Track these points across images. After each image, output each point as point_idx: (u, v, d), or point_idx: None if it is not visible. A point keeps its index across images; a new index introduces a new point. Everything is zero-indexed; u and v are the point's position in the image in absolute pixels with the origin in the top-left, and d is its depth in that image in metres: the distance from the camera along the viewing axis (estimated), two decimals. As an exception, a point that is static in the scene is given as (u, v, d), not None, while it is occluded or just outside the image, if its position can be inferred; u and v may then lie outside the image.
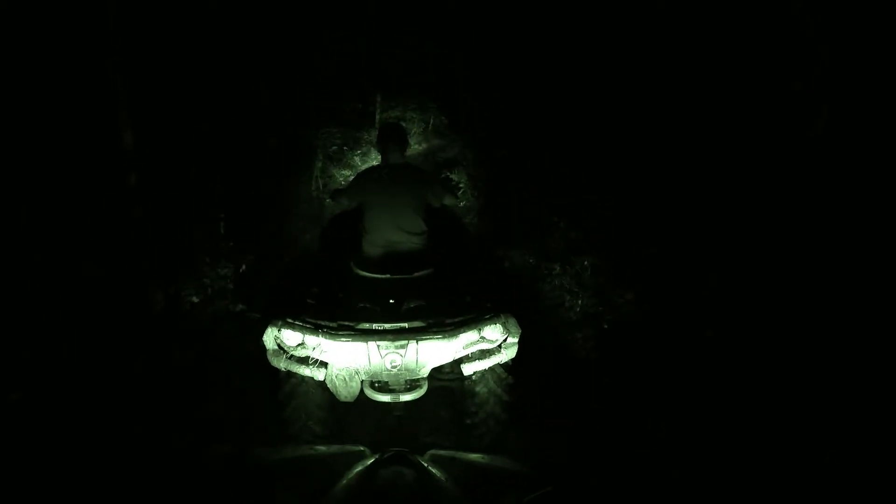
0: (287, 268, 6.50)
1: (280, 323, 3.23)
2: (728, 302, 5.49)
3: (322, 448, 2.68)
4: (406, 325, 3.27)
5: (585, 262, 6.17)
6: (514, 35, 11.88)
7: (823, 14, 5.62)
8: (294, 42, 9.42)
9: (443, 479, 2.07)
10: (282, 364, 3.33)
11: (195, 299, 5.03)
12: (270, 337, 3.29)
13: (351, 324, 3.23)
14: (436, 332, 3.21)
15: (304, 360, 3.25)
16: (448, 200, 4.27)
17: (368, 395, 3.42)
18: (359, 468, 2.10)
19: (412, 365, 3.20)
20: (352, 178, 5.08)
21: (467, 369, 3.42)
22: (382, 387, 3.44)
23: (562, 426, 4.47)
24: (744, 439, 4.14)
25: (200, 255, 5.34)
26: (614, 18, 8.47)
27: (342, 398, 3.34)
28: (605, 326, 5.68)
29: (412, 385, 3.44)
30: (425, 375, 3.36)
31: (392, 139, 4.17)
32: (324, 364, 3.22)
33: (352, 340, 3.12)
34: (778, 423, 4.25)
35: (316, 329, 3.16)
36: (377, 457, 2.17)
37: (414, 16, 11.60)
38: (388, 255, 3.73)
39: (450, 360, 3.33)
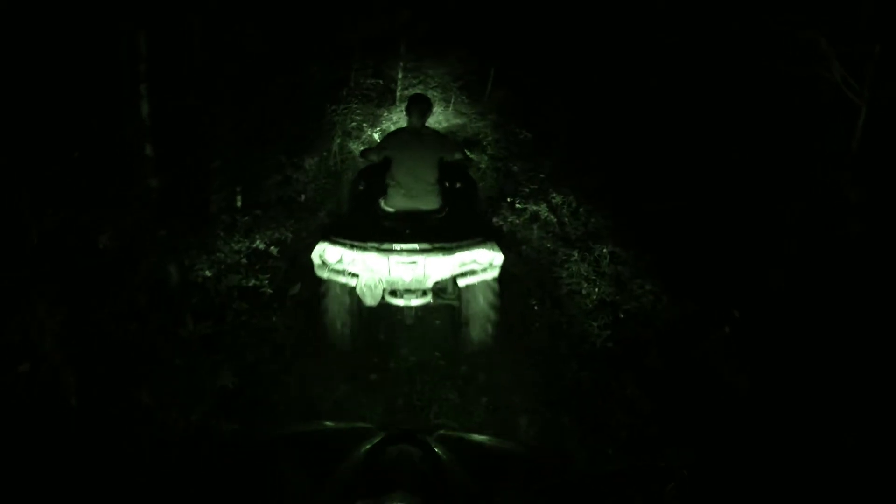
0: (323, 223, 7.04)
1: (325, 242, 4.25)
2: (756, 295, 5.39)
3: (329, 424, 2.79)
4: (417, 245, 4.15)
5: (605, 250, 6.08)
6: (541, 18, 11.80)
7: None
8: (316, 18, 9.31)
9: (449, 459, 1.99)
10: (325, 274, 4.32)
11: (208, 273, 5.05)
12: (317, 254, 4.30)
13: (376, 244, 4.14)
14: (438, 251, 4.15)
15: (342, 273, 4.25)
16: (458, 156, 5.07)
17: (387, 300, 4.42)
18: (366, 446, 2.01)
19: (420, 276, 4.23)
20: (379, 142, 5.73)
21: (461, 282, 4.37)
22: (398, 293, 4.42)
23: (573, 413, 4.49)
24: (758, 436, 4.10)
25: (214, 230, 5.34)
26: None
27: (367, 303, 4.37)
28: (622, 316, 5.61)
29: (420, 294, 4.44)
30: (430, 286, 4.38)
31: (415, 106, 4.95)
32: (355, 275, 4.22)
33: (377, 255, 4.08)
34: (793, 423, 4.20)
35: (351, 247, 4.14)
36: (384, 435, 2.05)
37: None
38: (407, 195, 4.65)
39: (448, 275, 4.33)
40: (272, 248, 5.79)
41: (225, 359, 4.32)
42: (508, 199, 7.54)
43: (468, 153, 5.74)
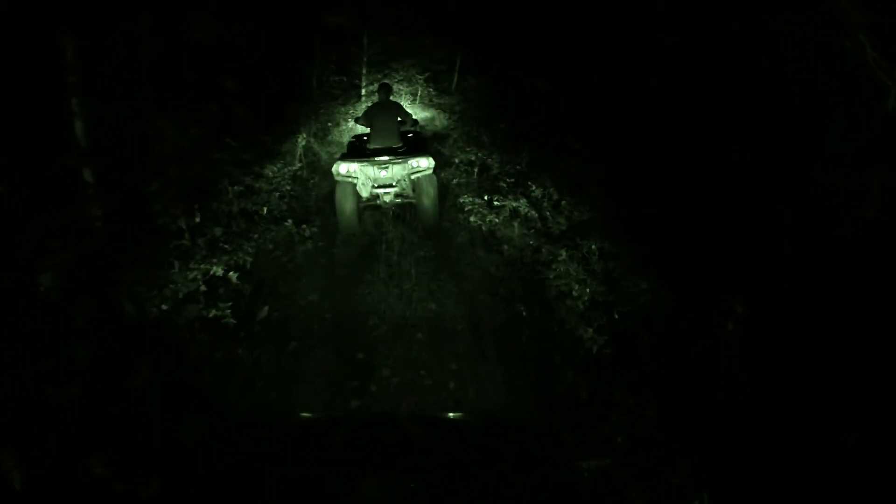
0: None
1: (339, 162, 6.71)
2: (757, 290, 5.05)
3: (306, 415, 2.93)
4: (387, 158, 6.69)
5: (593, 246, 5.68)
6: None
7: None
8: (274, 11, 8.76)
9: (424, 438, 2.17)
10: (339, 178, 6.69)
11: (164, 307, 4.54)
12: (335, 168, 6.70)
13: (367, 160, 6.65)
14: (398, 161, 6.68)
15: (348, 177, 6.66)
16: (408, 119, 7.59)
17: (373, 192, 6.78)
18: (342, 431, 2.22)
19: (389, 176, 6.69)
20: (363, 113, 7.87)
21: (413, 177, 6.78)
22: (381, 186, 6.75)
23: (573, 427, 4.14)
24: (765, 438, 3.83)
25: (168, 256, 4.79)
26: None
27: (363, 194, 6.78)
28: (616, 316, 5.23)
29: (391, 186, 6.82)
30: (395, 182, 6.77)
31: (383, 89, 7.73)
32: (356, 178, 6.65)
33: (367, 165, 6.61)
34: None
35: (353, 161, 6.65)
36: (360, 418, 2.40)
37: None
38: (380, 138, 7.07)
39: (405, 174, 6.75)
40: (231, 273, 5.26)
41: (188, 407, 3.81)
42: (486, 198, 7.11)
43: (413, 117, 7.93)
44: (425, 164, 6.68)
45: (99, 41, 4.34)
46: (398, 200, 6.94)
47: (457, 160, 9.13)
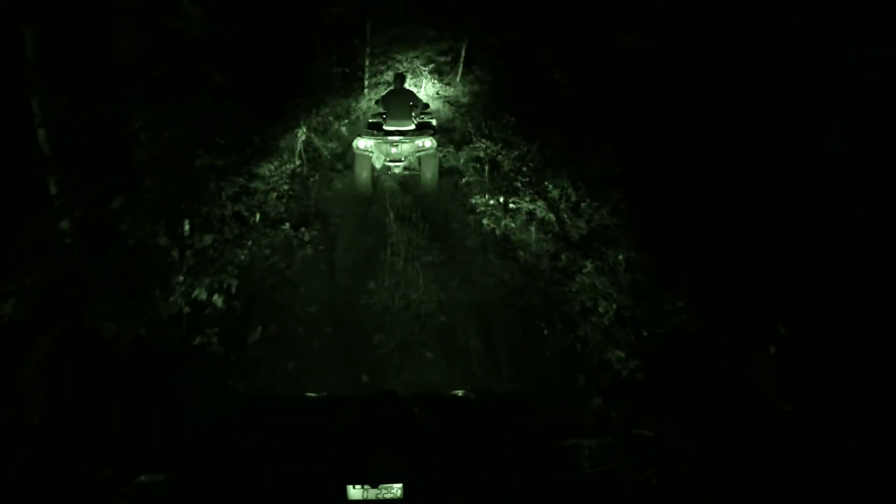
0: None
1: (359, 137, 7.50)
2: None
3: (311, 395, 2.78)
4: (398, 138, 7.41)
5: (619, 257, 5.14)
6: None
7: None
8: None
9: (426, 418, 2.19)
10: (358, 152, 7.47)
11: (142, 332, 3.99)
12: (355, 143, 7.48)
13: (382, 137, 7.44)
14: (407, 140, 7.43)
15: (366, 150, 7.44)
16: (419, 104, 8.21)
17: (385, 164, 7.55)
18: (347, 409, 2.25)
19: (399, 151, 7.43)
20: (381, 98, 8.54)
21: (418, 155, 7.51)
22: (392, 160, 7.49)
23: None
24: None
25: (149, 276, 4.27)
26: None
27: (377, 165, 7.54)
28: (645, 334, 4.71)
29: (400, 160, 7.54)
30: (404, 157, 7.49)
31: (397, 78, 8.46)
32: (371, 152, 7.44)
33: (381, 143, 7.41)
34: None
35: (370, 137, 7.44)
36: (362, 400, 2.31)
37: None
38: (395, 120, 7.84)
39: (412, 152, 7.48)
40: (216, 297, 4.73)
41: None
42: (500, 199, 6.56)
43: (423, 103, 8.56)
44: (429, 144, 7.53)
45: (66, 30, 3.77)
46: (406, 172, 7.82)
47: (465, 156, 8.59)
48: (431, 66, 12.71)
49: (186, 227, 5.22)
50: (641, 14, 7.44)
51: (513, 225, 6.08)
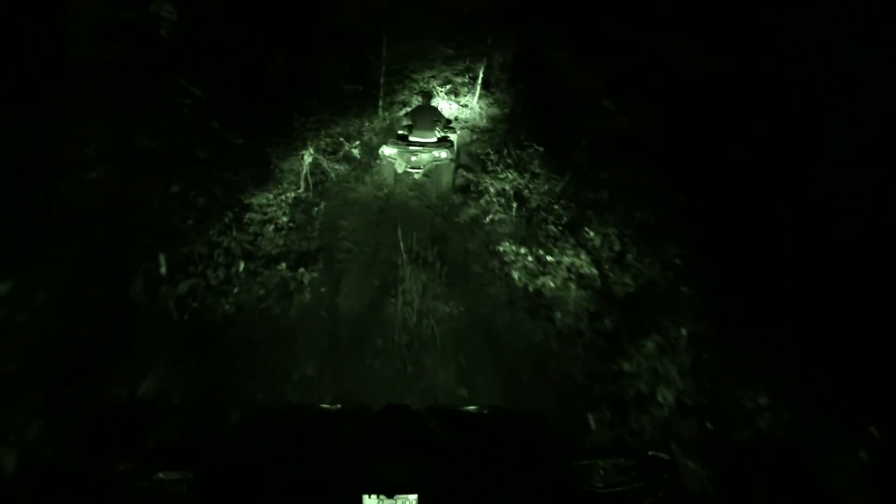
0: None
1: (385, 146, 7.86)
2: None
3: (325, 406, 2.67)
4: (419, 148, 7.81)
5: (682, 331, 4.22)
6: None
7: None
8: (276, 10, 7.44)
9: (440, 431, 2.18)
10: (384, 159, 7.98)
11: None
12: (381, 151, 7.96)
13: (405, 146, 7.82)
14: (427, 151, 7.80)
15: (390, 157, 7.81)
16: (442, 119, 8.32)
17: (407, 170, 7.98)
18: (358, 423, 2.24)
19: (418, 161, 7.86)
20: (409, 112, 8.73)
21: (436, 164, 7.95)
22: (413, 167, 7.90)
23: None
24: None
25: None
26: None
27: (399, 170, 7.93)
28: (709, 426, 3.79)
29: (419, 167, 7.95)
30: (422, 165, 7.90)
31: (425, 96, 9.00)
32: (395, 158, 7.84)
33: (404, 152, 7.80)
34: None
35: (394, 147, 7.80)
36: (376, 411, 2.29)
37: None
38: (420, 133, 8.04)
39: (430, 161, 7.88)
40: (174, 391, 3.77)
41: None
42: (535, 252, 5.62)
43: (446, 118, 8.58)
44: (445, 155, 8.10)
45: None
46: (424, 178, 8.51)
47: (487, 187, 7.73)
48: (448, 86, 11.95)
49: (163, 268, 4.33)
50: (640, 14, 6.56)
51: (552, 284, 5.14)
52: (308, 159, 8.05)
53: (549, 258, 5.36)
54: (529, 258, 5.52)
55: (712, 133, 6.00)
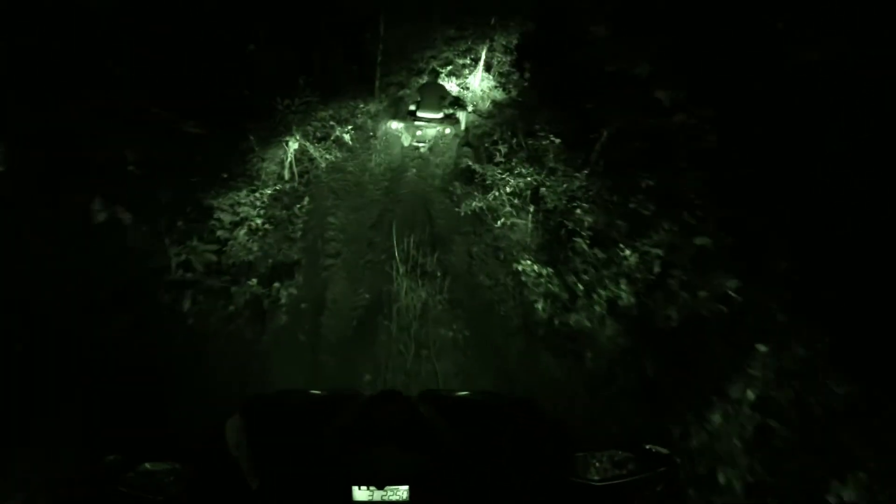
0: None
1: (391, 121, 8.64)
2: None
3: (317, 392, 2.56)
4: (424, 123, 8.14)
5: (749, 393, 3.30)
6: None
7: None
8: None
9: (433, 415, 2.13)
10: (391, 131, 8.68)
11: None
12: (388, 124, 8.71)
13: (411, 123, 8.22)
14: (430, 127, 8.19)
15: (397, 131, 8.52)
16: (448, 97, 8.61)
17: (412, 144, 8.41)
18: (352, 407, 2.21)
19: (423, 135, 8.28)
20: (417, 88, 9.02)
21: (440, 139, 8.72)
22: (418, 141, 8.36)
23: None
24: None
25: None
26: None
27: (405, 143, 8.53)
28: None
29: (425, 142, 8.42)
30: (427, 139, 8.38)
31: (432, 73, 9.19)
32: (402, 133, 8.48)
33: (410, 126, 8.24)
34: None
35: (400, 122, 8.43)
36: (368, 397, 2.24)
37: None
38: (426, 110, 8.23)
39: (434, 136, 8.43)
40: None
41: None
42: (566, 280, 4.57)
43: (452, 96, 8.93)
44: (449, 131, 8.42)
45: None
46: (427, 151, 8.59)
47: (494, 185, 6.80)
48: (450, 67, 11.02)
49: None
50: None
51: (588, 325, 4.17)
52: (293, 146, 7.11)
53: (579, 289, 4.39)
54: (552, 278, 4.58)
55: (795, 140, 5.19)
